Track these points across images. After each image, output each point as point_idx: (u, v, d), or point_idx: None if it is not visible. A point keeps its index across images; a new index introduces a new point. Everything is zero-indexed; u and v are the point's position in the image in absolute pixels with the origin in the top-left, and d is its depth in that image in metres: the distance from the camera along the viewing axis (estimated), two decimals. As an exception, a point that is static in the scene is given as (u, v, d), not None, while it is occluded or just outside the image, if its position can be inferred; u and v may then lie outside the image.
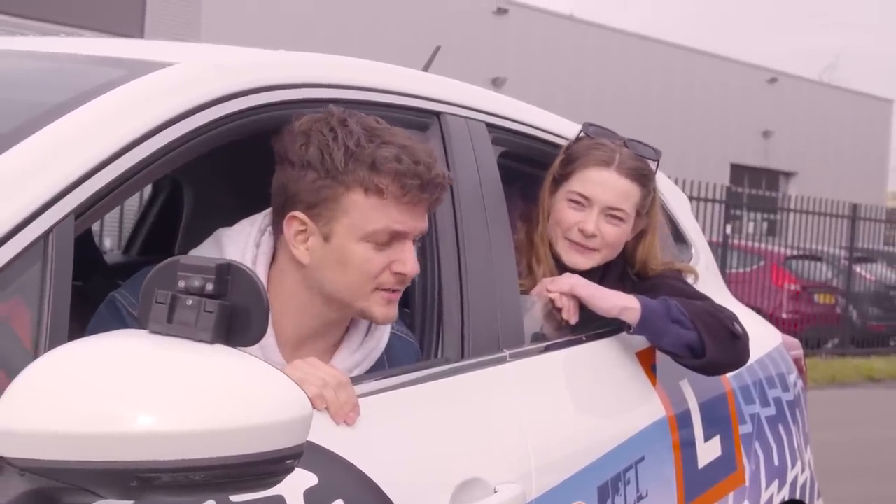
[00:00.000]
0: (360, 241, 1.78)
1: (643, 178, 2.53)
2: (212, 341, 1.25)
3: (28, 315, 1.36)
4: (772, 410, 3.03)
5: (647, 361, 2.54)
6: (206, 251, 1.88)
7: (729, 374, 2.84)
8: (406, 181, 1.76)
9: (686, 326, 2.43)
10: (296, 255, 1.81)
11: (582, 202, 2.49)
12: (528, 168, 2.61)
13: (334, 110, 1.81)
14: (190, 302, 1.26)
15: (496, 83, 21.55)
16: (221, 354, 1.25)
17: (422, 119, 2.12)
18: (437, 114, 2.17)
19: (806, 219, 14.44)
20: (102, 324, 1.76)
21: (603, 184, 2.48)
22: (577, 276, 2.45)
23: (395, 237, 1.79)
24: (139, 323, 1.29)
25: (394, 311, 1.86)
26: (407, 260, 1.81)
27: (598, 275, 2.56)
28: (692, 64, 27.86)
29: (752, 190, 16.23)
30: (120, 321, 1.75)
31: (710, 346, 2.44)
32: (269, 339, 1.80)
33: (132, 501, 1.28)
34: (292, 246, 1.81)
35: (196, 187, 3.15)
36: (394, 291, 1.84)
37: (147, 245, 3.38)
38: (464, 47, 20.20)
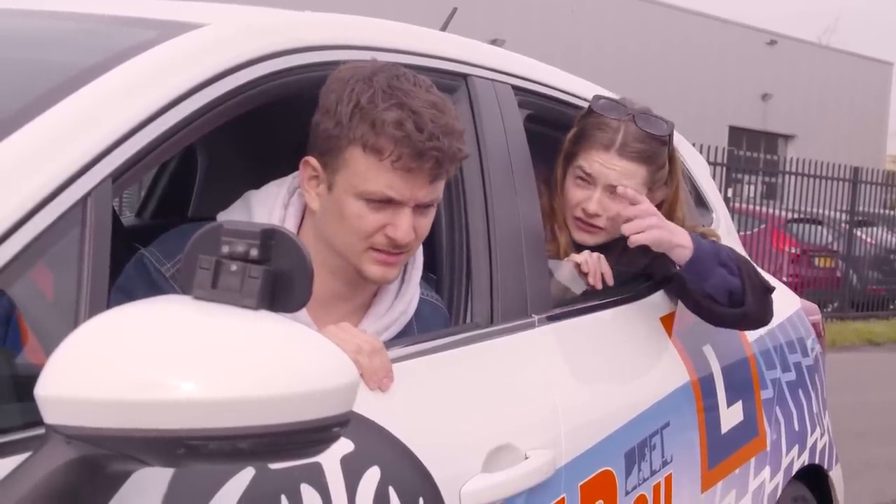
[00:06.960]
0: (355, 197, 1.76)
1: (647, 159, 2.46)
2: (256, 307, 1.23)
3: (67, 281, 1.34)
4: (792, 375, 3.03)
5: (670, 326, 2.53)
6: (235, 214, 1.87)
7: (750, 339, 2.83)
8: (402, 149, 1.70)
9: (732, 272, 2.43)
10: (307, 199, 1.81)
11: (587, 179, 2.47)
12: (553, 131, 2.59)
13: (377, 62, 1.79)
14: (234, 267, 1.23)
15: (495, 45, 21.40)
16: (267, 321, 1.23)
17: (449, 81, 2.10)
18: (465, 76, 2.15)
19: (806, 182, 14.40)
20: (129, 281, 1.76)
21: (604, 164, 2.44)
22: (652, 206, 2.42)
23: (389, 201, 1.75)
24: (182, 289, 1.26)
25: (390, 272, 1.82)
26: (399, 225, 1.76)
27: (621, 246, 2.52)
28: (691, 25, 27.70)
29: (751, 153, 16.14)
30: (146, 278, 1.75)
31: (750, 296, 2.43)
32: None
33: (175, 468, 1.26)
34: (304, 190, 1.81)
35: (210, 150, 3.12)
36: (388, 254, 1.79)
37: (160, 208, 3.36)
38: (461, 8, 20.05)
